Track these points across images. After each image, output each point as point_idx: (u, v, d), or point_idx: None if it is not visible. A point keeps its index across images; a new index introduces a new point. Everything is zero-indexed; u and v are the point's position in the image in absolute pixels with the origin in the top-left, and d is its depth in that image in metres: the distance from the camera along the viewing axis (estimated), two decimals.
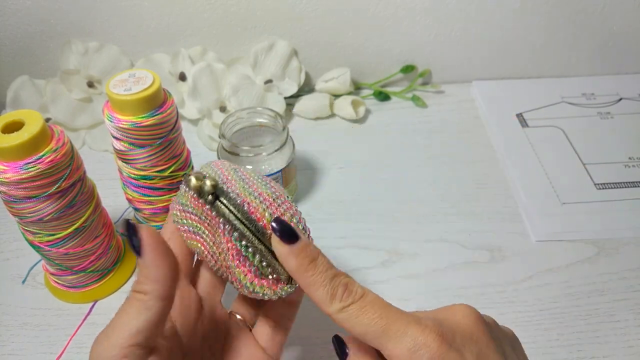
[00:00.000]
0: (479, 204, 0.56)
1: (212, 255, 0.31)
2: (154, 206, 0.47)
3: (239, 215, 0.29)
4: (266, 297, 0.30)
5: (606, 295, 0.48)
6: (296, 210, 0.31)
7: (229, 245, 0.29)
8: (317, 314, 0.36)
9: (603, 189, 0.57)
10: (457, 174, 0.60)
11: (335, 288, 0.27)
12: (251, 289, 0.30)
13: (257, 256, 0.29)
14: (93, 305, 0.47)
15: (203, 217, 0.31)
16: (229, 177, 0.31)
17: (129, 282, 0.49)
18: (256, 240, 0.29)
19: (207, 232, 0.31)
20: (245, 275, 0.29)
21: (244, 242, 0.29)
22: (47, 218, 0.41)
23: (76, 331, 0.46)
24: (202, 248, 0.31)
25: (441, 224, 0.54)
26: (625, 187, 0.57)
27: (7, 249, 0.53)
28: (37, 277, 0.50)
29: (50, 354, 0.44)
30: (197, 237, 0.31)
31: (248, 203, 0.30)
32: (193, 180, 0.30)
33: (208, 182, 0.30)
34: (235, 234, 0.29)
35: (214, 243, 0.31)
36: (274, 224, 0.28)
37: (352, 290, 0.27)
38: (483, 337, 0.27)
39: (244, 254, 0.29)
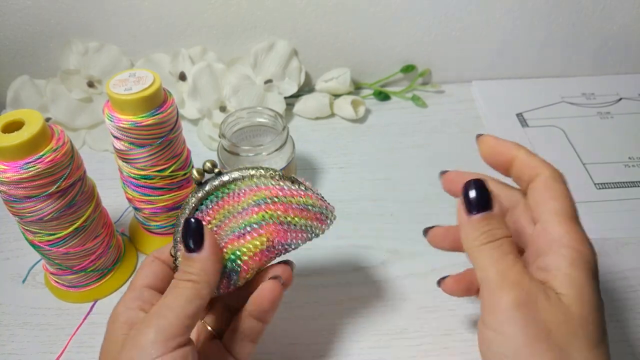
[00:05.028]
0: None
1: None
2: (154, 206, 0.47)
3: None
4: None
5: (606, 295, 0.48)
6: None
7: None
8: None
9: (603, 188, 0.57)
10: None
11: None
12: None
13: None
14: (93, 305, 0.47)
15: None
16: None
17: (129, 282, 0.49)
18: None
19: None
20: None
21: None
22: (47, 217, 0.41)
23: (76, 331, 0.46)
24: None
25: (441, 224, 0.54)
26: (625, 187, 0.57)
27: (7, 248, 0.53)
28: (37, 276, 0.50)
29: (51, 353, 0.44)
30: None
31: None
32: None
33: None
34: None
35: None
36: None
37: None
38: None
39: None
